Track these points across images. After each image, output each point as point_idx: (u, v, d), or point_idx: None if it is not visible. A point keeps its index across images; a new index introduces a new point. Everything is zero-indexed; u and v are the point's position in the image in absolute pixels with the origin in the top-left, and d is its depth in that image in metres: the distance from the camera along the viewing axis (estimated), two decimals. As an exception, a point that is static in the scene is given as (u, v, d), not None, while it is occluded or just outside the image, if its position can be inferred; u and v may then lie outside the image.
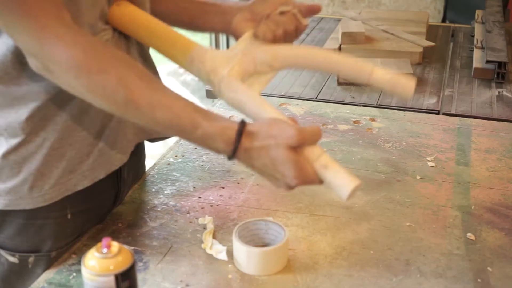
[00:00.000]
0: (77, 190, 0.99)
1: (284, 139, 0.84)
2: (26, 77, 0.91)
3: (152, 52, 1.09)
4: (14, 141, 0.93)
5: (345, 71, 1.02)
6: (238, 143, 0.85)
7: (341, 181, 0.88)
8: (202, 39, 3.41)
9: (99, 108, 0.88)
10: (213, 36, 3.62)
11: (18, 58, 0.89)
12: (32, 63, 0.85)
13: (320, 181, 0.89)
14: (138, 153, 1.20)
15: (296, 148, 0.85)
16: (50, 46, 0.81)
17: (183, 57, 1.01)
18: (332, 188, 0.89)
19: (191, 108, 0.86)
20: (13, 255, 1.01)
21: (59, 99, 0.93)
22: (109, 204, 1.10)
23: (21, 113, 0.92)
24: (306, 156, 0.87)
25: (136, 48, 1.06)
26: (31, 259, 1.01)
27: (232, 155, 0.86)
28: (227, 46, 3.69)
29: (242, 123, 0.86)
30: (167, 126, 0.86)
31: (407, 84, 0.95)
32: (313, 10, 1.09)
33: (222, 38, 3.64)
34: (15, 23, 0.82)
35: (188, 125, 0.85)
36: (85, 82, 0.83)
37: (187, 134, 0.87)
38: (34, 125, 0.93)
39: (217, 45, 3.57)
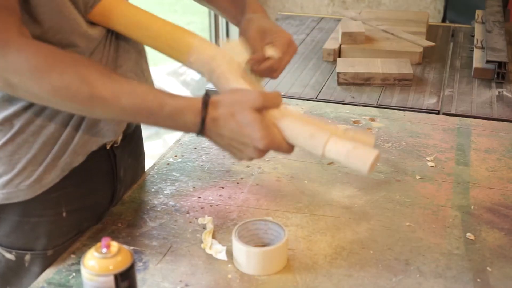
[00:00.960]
0: (73, 167, 1.00)
1: (248, 101, 0.88)
2: None
3: (151, 52, 1.09)
4: (7, 135, 0.94)
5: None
6: (205, 112, 0.87)
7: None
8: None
9: None
10: (212, 20, 3.65)
11: None
12: None
13: (289, 147, 0.92)
14: (136, 153, 1.20)
15: (261, 110, 0.89)
16: (13, 58, 0.83)
17: (184, 50, 1.01)
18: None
19: (155, 90, 0.89)
20: (10, 252, 1.01)
21: None
22: (105, 203, 1.10)
23: (14, 108, 0.93)
24: (271, 117, 0.91)
25: (133, 48, 1.06)
26: (27, 257, 1.01)
27: (201, 127, 0.88)
28: (227, 31, 3.71)
29: (207, 94, 0.89)
30: (135, 112, 0.88)
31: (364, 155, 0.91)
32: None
33: (222, 21, 3.68)
34: None
35: (155, 105, 0.87)
36: (48, 87, 0.85)
37: (155, 115, 0.88)
38: (26, 117, 0.94)
39: (216, 28, 3.61)
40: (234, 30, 3.75)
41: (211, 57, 0.99)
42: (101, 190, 1.09)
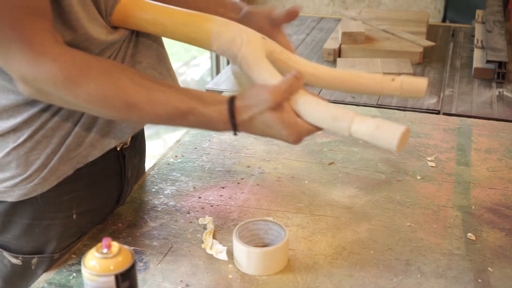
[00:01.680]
0: (88, 161, 1.00)
1: (262, 104, 0.88)
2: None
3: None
4: (26, 134, 0.94)
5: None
6: (233, 120, 0.89)
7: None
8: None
9: None
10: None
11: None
12: (24, 89, 0.86)
13: (315, 128, 0.91)
14: (141, 153, 1.20)
15: (279, 106, 0.88)
16: (47, 69, 0.83)
17: (205, 39, 1.00)
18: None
19: (186, 97, 0.90)
20: (17, 257, 1.01)
21: None
22: (112, 204, 1.10)
23: (35, 109, 0.93)
24: (291, 107, 0.90)
25: (152, 47, 1.06)
26: (34, 261, 1.01)
27: (235, 132, 0.90)
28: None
29: (231, 102, 0.89)
30: (168, 119, 0.90)
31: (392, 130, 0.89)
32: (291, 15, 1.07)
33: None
34: (9, 49, 0.82)
35: (187, 112, 0.89)
36: (84, 96, 0.85)
37: (187, 120, 0.90)
38: (45, 116, 0.94)
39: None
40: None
41: (230, 42, 0.97)
42: (110, 191, 1.09)
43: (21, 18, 0.81)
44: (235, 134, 0.91)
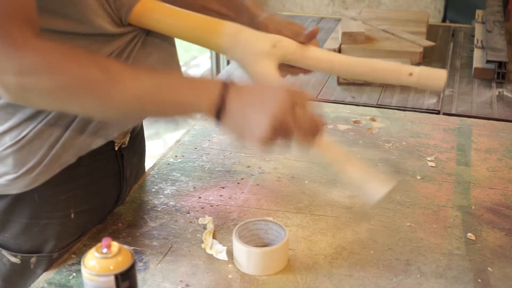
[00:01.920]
0: (91, 149, 0.99)
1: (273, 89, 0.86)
2: None
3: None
4: (29, 127, 0.93)
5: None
6: (224, 95, 0.85)
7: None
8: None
9: None
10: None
11: None
12: (5, 94, 0.83)
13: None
14: (140, 153, 1.20)
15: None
16: (29, 58, 0.81)
17: (217, 37, 1.00)
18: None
19: (174, 89, 0.86)
20: (15, 256, 1.01)
21: None
22: (111, 204, 1.10)
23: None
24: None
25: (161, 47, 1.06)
26: (33, 260, 1.01)
27: (217, 117, 0.86)
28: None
29: (227, 80, 0.86)
30: (159, 116, 0.90)
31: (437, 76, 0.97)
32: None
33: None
34: None
35: (177, 109, 0.87)
36: (64, 79, 0.82)
37: (180, 114, 0.89)
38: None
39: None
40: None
41: (241, 52, 0.98)
42: (108, 191, 1.09)
43: (5, 22, 0.80)
44: (216, 122, 0.87)
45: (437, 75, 0.99)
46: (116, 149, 1.06)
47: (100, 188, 1.05)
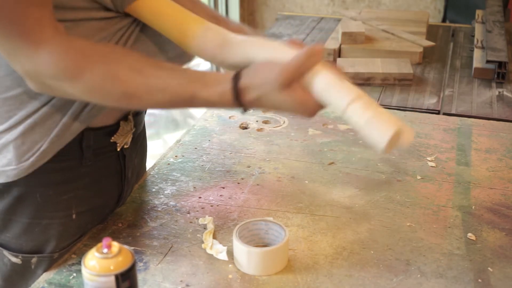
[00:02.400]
0: (97, 126, 0.99)
1: (270, 84, 0.84)
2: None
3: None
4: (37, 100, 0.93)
5: None
6: (239, 101, 0.86)
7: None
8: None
9: None
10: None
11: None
12: (31, 85, 0.86)
13: (320, 108, 0.87)
14: (141, 153, 1.20)
15: (291, 83, 0.84)
16: (44, 62, 0.82)
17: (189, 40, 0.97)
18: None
19: (186, 81, 0.87)
20: (16, 256, 1.01)
21: None
22: (112, 204, 1.10)
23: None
24: (304, 84, 0.85)
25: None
26: (34, 260, 1.01)
27: (243, 111, 0.88)
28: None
29: (235, 81, 0.85)
30: (170, 105, 0.91)
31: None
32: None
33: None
34: (11, 44, 0.82)
35: (187, 98, 0.87)
36: (82, 88, 0.85)
37: (190, 104, 0.89)
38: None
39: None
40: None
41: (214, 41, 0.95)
42: (110, 191, 1.08)
43: (19, 10, 0.80)
44: (243, 112, 0.88)
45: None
46: (118, 149, 1.06)
47: (102, 189, 1.05)
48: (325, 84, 0.85)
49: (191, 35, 0.96)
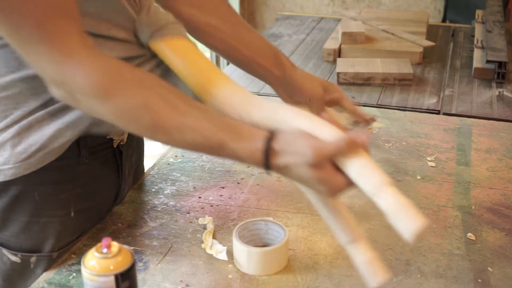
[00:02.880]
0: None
1: (301, 157, 0.79)
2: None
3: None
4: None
5: None
6: (267, 165, 0.82)
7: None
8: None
9: None
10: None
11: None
12: (56, 93, 0.83)
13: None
14: (139, 151, 1.20)
15: (319, 164, 0.79)
16: (72, 73, 0.79)
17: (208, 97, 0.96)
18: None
19: (217, 128, 0.83)
20: (16, 255, 1.01)
21: None
22: (109, 202, 1.10)
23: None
24: (331, 165, 0.80)
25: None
26: (33, 259, 1.01)
27: (267, 172, 0.83)
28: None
29: (268, 143, 0.81)
30: (197, 148, 0.85)
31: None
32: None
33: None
34: (37, 49, 0.79)
35: (215, 146, 0.83)
36: (112, 109, 0.82)
37: (216, 152, 0.84)
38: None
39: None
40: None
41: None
42: (107, 189, 1.09)
43: (46, 17, 0.78)
44: (267, 173, 0.84)
45: None
46: (115, 146, 1.06)
47: (100, 186, 1.05)
48: (360, 167, 0.81)
49: (210, 92, 0.95)
